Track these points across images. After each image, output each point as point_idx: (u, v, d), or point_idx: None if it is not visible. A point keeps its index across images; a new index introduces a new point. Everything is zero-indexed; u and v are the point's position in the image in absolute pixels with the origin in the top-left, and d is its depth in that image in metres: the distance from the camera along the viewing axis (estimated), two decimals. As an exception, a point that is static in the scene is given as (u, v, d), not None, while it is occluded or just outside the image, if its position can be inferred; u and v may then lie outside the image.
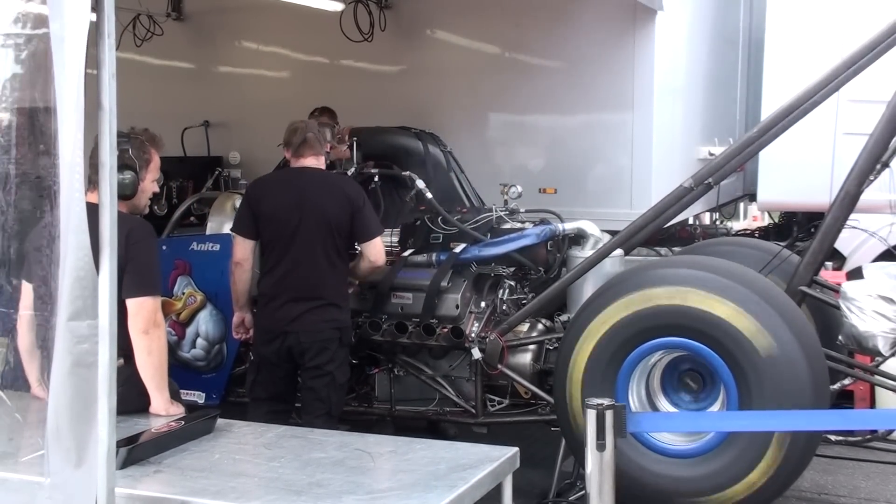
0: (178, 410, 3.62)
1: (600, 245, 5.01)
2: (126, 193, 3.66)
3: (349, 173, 5.44)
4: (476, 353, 4.85)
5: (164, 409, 3.56)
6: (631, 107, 6.19)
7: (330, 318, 4.61)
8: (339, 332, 4.64)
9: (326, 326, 4.60)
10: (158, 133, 4.00)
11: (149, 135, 3.93)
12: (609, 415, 3.10)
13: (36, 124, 2.36)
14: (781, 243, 5.75)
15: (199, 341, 5.47)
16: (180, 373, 5.12)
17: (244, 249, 4.75)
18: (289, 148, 4.78)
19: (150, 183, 3.87)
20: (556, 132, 6.54)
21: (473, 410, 4.99)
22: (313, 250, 4.60)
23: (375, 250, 4.72)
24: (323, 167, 4.88)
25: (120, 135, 3.78)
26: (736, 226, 9.11)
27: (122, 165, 3.65)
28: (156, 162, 3.90)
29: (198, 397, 5.35)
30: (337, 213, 4.61)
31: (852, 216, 4.73)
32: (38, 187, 2.40)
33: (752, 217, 10.07)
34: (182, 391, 4.21)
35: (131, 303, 3.46)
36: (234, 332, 4.96)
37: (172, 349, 5.29)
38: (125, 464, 2.96)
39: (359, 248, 4.82)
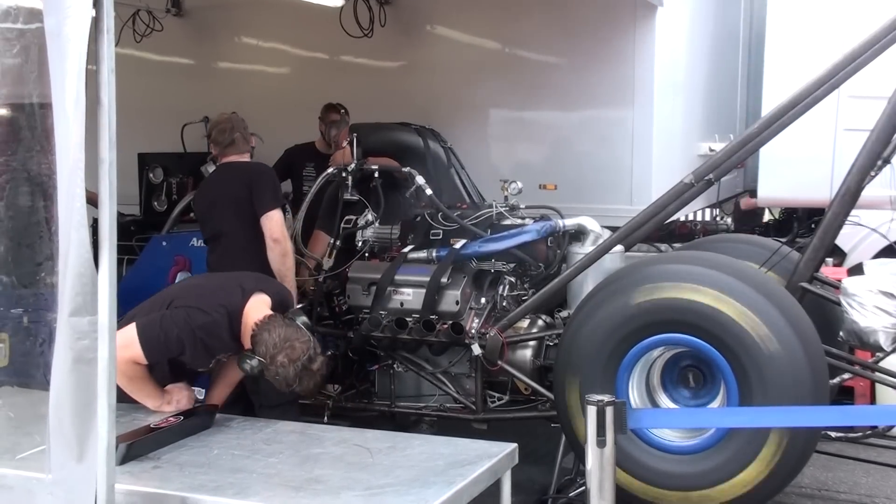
0: (171, 408, 3.66)
1: (600, 241, 5.00)
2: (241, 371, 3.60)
3: (350, 169, 5.42)
4: (476, 350, 4.84)
5: (155, 408, 3.65)
6: (631, 102, 6.17)
7: None
8: None
9: None
10: (309, 345, 3.53)
11: (312, 365, 3.50)
12: (609, 411, 3.10)
13: (29, 120, 2.35)
14: (782, 239, 5.74)
15: (199, 337, 5.46)
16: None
17: None
18: (216, 146, 5.03)
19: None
20: (556, 128, 6.53)
21: (473, 407, 4.99)
22: (231, 232, 4.74)
23: (270, 224, 4.58)
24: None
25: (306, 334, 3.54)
26: (736, 222, 9.08)
27: (254, 354, 3.49)
28: (283, 378, 3.51)
29: (197, 393, 5.35)
30: (238, 190, 4.68)
31: (853, 212, 4.72)
32: (32, 183, 2.39)
33: (752, 213, 10.03)
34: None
35: None
36: None
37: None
38: (124, 460, 2.97)
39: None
